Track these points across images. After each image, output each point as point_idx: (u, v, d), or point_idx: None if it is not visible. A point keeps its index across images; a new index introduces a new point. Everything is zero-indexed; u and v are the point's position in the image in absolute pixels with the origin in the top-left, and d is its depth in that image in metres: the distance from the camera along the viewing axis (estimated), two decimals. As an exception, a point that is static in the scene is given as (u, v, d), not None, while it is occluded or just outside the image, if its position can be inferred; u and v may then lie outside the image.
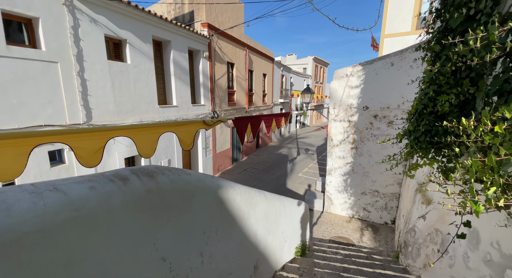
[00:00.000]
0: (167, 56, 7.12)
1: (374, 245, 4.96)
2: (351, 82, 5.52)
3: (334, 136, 6.00)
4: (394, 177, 5.44)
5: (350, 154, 5.86)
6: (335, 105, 5.81)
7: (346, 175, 6.02)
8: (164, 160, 7.11)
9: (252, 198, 2.50)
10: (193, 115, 8.08)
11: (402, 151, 2.97)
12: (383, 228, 5.60)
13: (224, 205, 2.04)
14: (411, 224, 3.83)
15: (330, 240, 5.20)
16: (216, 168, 9.88)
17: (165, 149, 7.07)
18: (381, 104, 5.26)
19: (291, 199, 3.79)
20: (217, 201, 1.95)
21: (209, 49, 8.70)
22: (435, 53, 2.28)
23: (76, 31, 4.66)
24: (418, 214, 3.63)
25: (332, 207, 6.41)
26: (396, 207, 5.56)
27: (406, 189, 4.71)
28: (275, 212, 3.08)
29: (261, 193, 2.75)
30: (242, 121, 4.51)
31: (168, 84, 7.27)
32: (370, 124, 5.48)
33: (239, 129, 4.45)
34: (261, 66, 13.97)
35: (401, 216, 4.82)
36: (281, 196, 3.44)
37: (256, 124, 4.88)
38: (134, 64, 5.93)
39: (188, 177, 1.63)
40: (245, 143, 12.75)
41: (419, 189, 3.89)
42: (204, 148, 8.89)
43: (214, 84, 9.14)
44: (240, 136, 4.49)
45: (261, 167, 11.27)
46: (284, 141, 18.16)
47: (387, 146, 5.38)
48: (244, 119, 4.58)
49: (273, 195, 3.11)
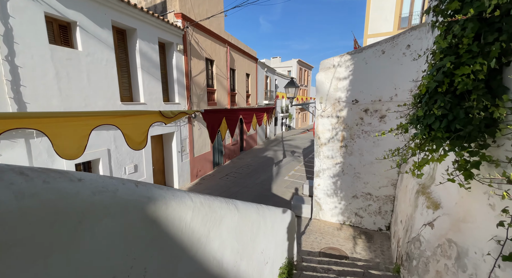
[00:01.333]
0: (132, 46, 6.24)
1: (370, 256, 4.36)
2: (339, 74, 4.99)
3: (321, 133, 5.41)
4: (387, 178, 4.92)
5: (340, 153, 5.29)
6: (322, 99, 5.25)
7: (335, 176, 5.44)
8: (129, 166, 6.13)
9: (215, 212, 1.75)
10: (165, 114, 7.18)
11: (408, 144, 2.37)
12: (377, 236, 5.03)
13: (161, 228, 1.27)
14: (414, 233, 3.25)
15: (321, 252, 4.53)
16: (194, 174, 8.97)
17: (130, 152, 6.11)
18: (372, 96, 4.76)
19: (274, 208, 3.08)
20: (146, 223, 1.18)
21: (184, 42, 7.91)
22: (451, 13, 1.70)
23: (3, 5, 3.71)
24: (423, 220, 3.05)
25: (321, 213, 5.78)
26: (391, 211, 5.03)
27: (403, 191, 4.18)
28: (251, 228, 2.35)
29: (230, 204, 2.00)
30: (214, 114, 3.76)
31: (134, 78, 6.37)
32: (361, 119, 4.95)
33: (210, 124, 3.70)
34: (243, 66, 13.36)
35: (398, 222, 4.26)
36: (261, 206, 2.72)
37: (233, 120, 4.15)
38: (87, 52, 5.01)
39: (71, 186, 0.86)
40: (228, 146, 11.96)
41: (422, 190, 3.34)
42: (179, 152, 7.98)
43: (190, 81, 8.33)
44: (211, 133, 3.73)
45: (244, 171, 10.51)
46: (269, 143, 17.56)
47: (380, 143, 4.87)
48: (217, 113, 3.83)
49: (248, 205, 2.38)
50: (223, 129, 4.02)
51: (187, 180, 8.54)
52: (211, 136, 3.75)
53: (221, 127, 3.98)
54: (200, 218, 1.57)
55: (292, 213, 3.70)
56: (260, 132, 17.40)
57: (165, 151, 7.98)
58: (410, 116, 2.46)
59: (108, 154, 5.53)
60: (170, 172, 8.05)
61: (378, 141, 4.85)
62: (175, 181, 8.03)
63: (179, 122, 7.94)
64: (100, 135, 5.32)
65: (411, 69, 4.30)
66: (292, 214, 3.73)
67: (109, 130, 5.54)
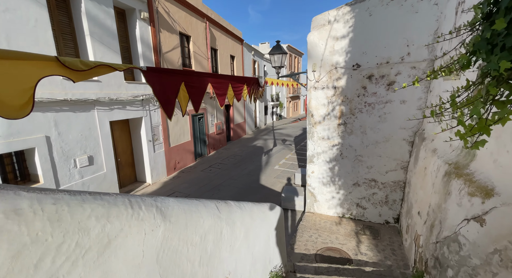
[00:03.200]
0: (76, 7, 4.94)
1: (378, 258, 3.50)
2: (336, 32, 3.95)
3: (315, 110, 4.42)
4: (396, 160, 4.02)
5: (337, 132, 4.34)
6: (315, 66, 4.22)
7: (332, 161, 4.51)
8: (80, 158, 4.96)
9: (84, 232, 0.70)
10: (128, 96, 5.99)
11: (481, 87, 1.35)
12: (384, 230, 4.19)
13: None
14: (447, 230, 2.36)
15: (317, 254, 3.63)
16: (171, 166, 7.87)
17: (81, 140, 4.93)
18: (378, 58, 3.77)
19: (250, 206, 2.08)
20: None
21: (150, 10, 6.61)
22: None
23: None
24: (464, 213, 2.15)
25: (316, 205, 4.88)
26: (400, 200, 4.17)
27: (420, 174, 3.29)
28: (200, 243, 1.35)
29: (145, 209, 0.98)
30: (166, 77, 2.67)
31: (83, 49, 5.11)
32: (363, 89, 3.98)
33: (162, 90, 2.61)
34: (227, 46, 12.08)
35: (413, 214, 3.40)
36: (226, 204, 1.71)
37: (197, 88, 3.06)
38: (5, 6, 3.73)
39: None
40: (213, 135, 10.85)
41: (455, 172, 2.42)
42: (150, 141, 6.83)
43: (160, 58, 7.08)
44: (164, 103, 2.65)
45: (231, 161, 9.49)
46: (259, 133, 16.56)
47: (388, 117, 3.93)
48: (171, 75, 2.74)
49: (198, 206, 1.36)
50: (183, 99, 2.93)
51: (163, 174, 7.44)
52: (165, 108, 2.67)
53: (180, 97, 2.89)
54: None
55: (279, 210, 2.73)
56: (249, 121, 16.33)
57: (133, 141, 6.81)
58: (472, 39, 1.35)
59: (47, 143, 4.35)
60: (141, 165, 6.92)
61: (385, 115, 3.91)
62: (147, 175, 6.93)
63: (148, 106, 6.75)
64: (33, 118, 4.12)
65: (429, 17, 3.32)
66: (280, 211, 2.76)
67: (47, 112, 4.34)
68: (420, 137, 3.58)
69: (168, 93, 2.71)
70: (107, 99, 5.42)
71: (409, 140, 3.87)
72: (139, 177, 7.07)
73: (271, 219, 2.49)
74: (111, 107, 5.57)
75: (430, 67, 3.47)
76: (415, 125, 3.80)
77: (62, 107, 4.57)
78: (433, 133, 3.09)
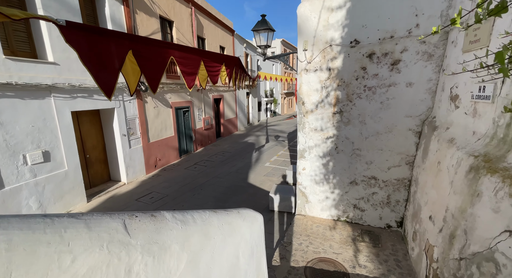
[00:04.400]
0: (25, -26, 4.17)
1: (381, 271, 2.91)
2: (331, 1, 3.31)
3: (306, 96, 3.79)
4: (401, 154, 3.44)
5: (332, 122, 3.72)
6: (307, 44, 3.58)
7: (326, 156, 3.90)
8: (32, 153, 4.22)
9: None
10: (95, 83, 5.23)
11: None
12: (385, 235, 3.61)
13: None
14: (478, 244, 1.77)
15: (307, 267, 3.02)
16: (151, 164, 7.16)
17: (31, 131, 4.19)
18: (381, 32, 3.16)
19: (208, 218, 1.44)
20: None
21: (122, -13, 5.85)
22: None
23: None
24: (505, 223, 1.55)
25: (308, 206, 4.27)
26: (404, 201, 3.59)
27: (432, 169, 2.70)
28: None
29: None
30: (102, 40, 1.99)
31: (36, 26, 4.34)
32: (362, 70, 3.37)
33: (95, 57, 1.92)
34: (216, 36, 11.34)
35: (422, 218, 2.81)
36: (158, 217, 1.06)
37: (154, 61, 2.37)
38: None
39: None
40: (201, 130, 10.16)
41: (487, 166, 1.83)
42: (124, 135, 6.11)
43: (137, 42, 6.33)
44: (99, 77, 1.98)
45: (219, 158, 8.84)
46: (252, 129, 15.93)
47: (391, 103, 3.33)
48: (111, 37, 2.06)
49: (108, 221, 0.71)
50: (132, 73, 2.25)
51: (141, 172, 6.73)
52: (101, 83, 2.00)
53: (126, 70, 2.21)
54: None
55: (258, 217, 2.09)
56: (242, 117, 15.66)
57: (105, 135, 6.07)
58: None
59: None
60: (115, 162, 6.19)
61: (388, 101, 3.31)
62: (122, 174, 6.21)
63: (122, 95, 6.01)
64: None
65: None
66: (259, 218, 2.12)
67: (-16, 98, 3.60)
68: (430, 126, 2.99)
69: (106, 63, 2.02)
70: (68, 86, 4.67)
71: (416, 130, 3.28)
72: (113, 176, 6.34)
73: (242, 232, 1.86)
74: (73, 95, 4.82)
75: (443, 41, 2.87)
76: (423, 113, 3.20)
77: (5, 92, 3.82)
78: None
